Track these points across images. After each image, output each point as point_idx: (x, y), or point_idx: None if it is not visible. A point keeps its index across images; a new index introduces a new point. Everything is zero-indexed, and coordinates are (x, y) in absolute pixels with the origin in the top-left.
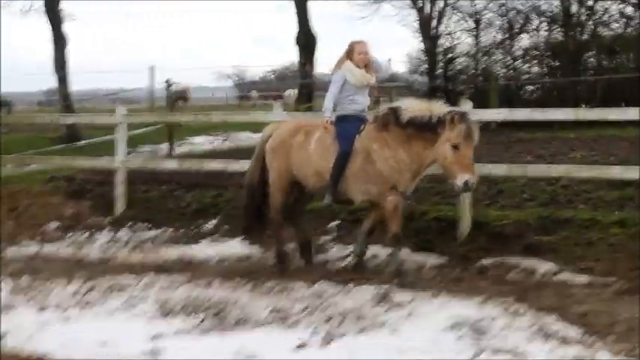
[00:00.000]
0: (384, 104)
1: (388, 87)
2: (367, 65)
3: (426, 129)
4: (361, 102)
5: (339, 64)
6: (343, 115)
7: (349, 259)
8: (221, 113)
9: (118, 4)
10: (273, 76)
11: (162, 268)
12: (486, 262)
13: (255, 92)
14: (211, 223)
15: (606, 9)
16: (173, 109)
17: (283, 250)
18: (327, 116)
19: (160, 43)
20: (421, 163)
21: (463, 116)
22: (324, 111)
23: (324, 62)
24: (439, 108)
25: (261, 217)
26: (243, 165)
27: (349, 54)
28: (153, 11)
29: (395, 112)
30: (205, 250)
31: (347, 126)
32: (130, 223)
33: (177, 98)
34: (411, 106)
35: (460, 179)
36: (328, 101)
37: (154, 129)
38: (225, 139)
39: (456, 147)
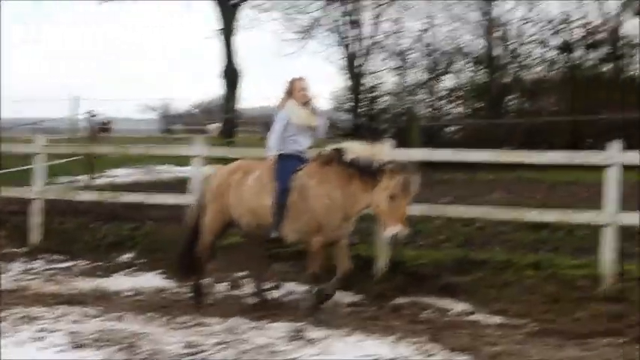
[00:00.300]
0: (330, 144)
1: None
2: (307, 103)
3: (367, 173)
4: (302, 143)
5: (283, 103)
6: (284, 154)
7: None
8: (141, 146)
9: (38, 30)
10: (197, 109)
11: (76, 300)
12: (401, 301)
13: (179, 125)
14: (127, 256)
15: (529, 52)
16: (95, 141)
17: (200, 284)
18: (271, 155)
19: (83, 72)
20: (355, 205)
21: (404, 167)
22: (269, 150)
23: (249, 97)
24: (382, 154)
25: (192, 256)
26: (161, 198)
27: (290, 92)
28: (74, 39)
29: (338, 152)
30: (120, 282)
31: (286, 164)
32: (45, 254)
33: (100, 129)
34: (356, 148)
35: (389, 231)
36: (272, 140)
37: (74, 160)
38: (146, 172)
39: (392, 197)
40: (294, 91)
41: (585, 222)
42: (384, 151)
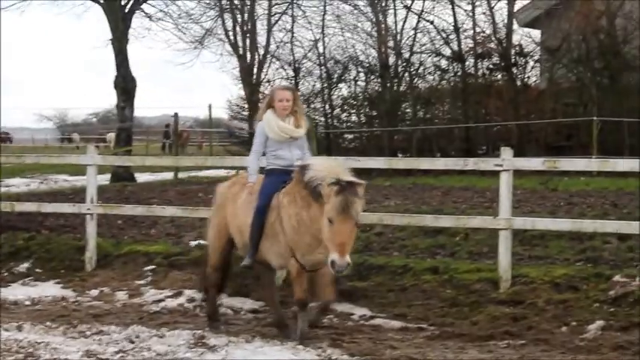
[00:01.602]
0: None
1: (209, 132)
2: (296, 113)
3: (315, 195)
4: (286, 157)
5: (261, 115)
6: (270, 169)
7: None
8: (34, 155)
9: None
10: (95, 118)
11: None
12: None
13: (76, 135)
14: (24, 266)
15: (422, 62)
16: None
17: (216, 308)
18: (250, 181)
19: None
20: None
21: (342, 188)
22: (249, 173)
23: (146, 105)
24: (340, 171)
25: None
26: (56, 207)
27: (269, 103)
28: None
29: (303, 169)
30: (17, 292)
31: (270, 180)
32: None
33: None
34: (318, 166)
35: (329, 257)
36: (252, 161)
37: None
38: (42, 182)
39: (330, 221)
40: (274, 101)
41: (480, 226)
42: (342, 171)
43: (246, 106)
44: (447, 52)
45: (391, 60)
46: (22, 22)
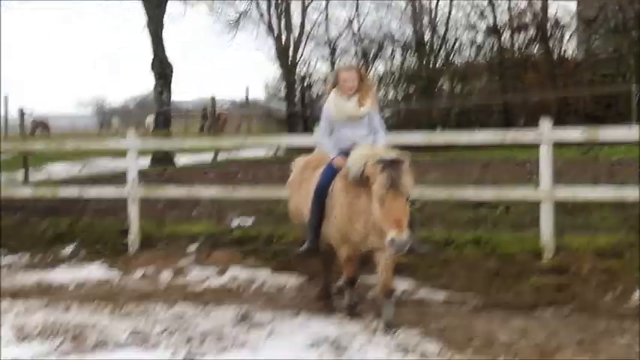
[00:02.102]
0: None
1: (247, 114)
2: (363, 91)
3: (361, 181)
4: (349, 137)
5: (326, 95)
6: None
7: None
8: (75, 141)
9: None
10: (133, 104)
11: (19, 294)
12: None
13: (116, 120)
14: (68, 249)
15: (457, 37)
16: (32, 138)
17: (327, 283)
18: (332, 156)
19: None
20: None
21: (386, 164)
22: (326, 151)
23: (182, 89)
24: (375, 155)
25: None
26: (98, 191)
27: (335, 82)
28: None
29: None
30: (63, 275)
31: (330, 164)
32: None
33: (37, 126)
34: (356, 154)
35: (386, 237)
36: (321, 139)
37: (9, 158)
38: (83, 168)
39: (381, 201)
40: (339, 82)
41: (522, 198)
42: (384, 149)
43: (282, 86)
44: (483, 26)
45: (426, 36)
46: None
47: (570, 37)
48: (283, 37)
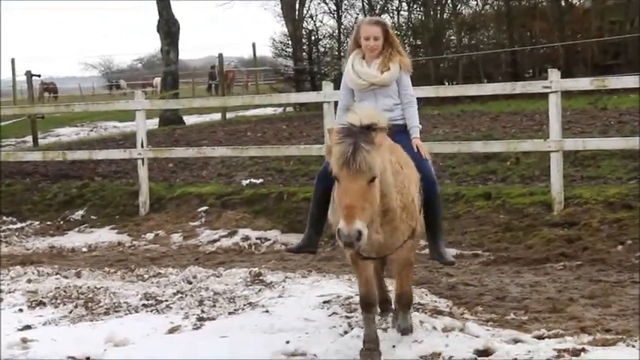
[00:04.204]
0: None
1: (255, 71)
2: (388, 53)
3: None
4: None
5: (349, 54)
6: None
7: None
8: (83, 103)
9: None
10: (140, 64)
11: (31, 260)
12: None
13: (123, 81)
14: (79, 214)
15: None
16: (41, 101)
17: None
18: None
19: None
20: None
21: (348, 133)
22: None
23: (189, 48)
24: (364, 118)
25: None
26: (107, 154)
27: (356, 40)
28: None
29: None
30: (73, 240)
31: None
32: None
33: (45, 90)
34: (352, 115)
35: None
36: (339, 115)
37: (17, 122)
38: (92, 130)
39: (336, 179)
40: (359, 39)
41: (531, 150)
42: (371, 115)
43: (289, 42)
44: None
45: None
46: None
47: None
48: None
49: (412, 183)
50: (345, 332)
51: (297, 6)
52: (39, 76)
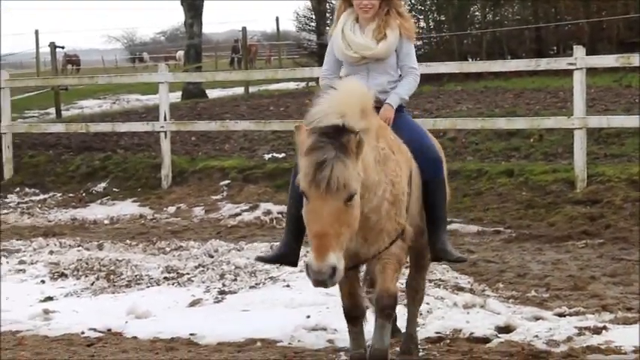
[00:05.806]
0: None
1: (278, 45)
2: (385, 16)
3: None
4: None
5: (338, 15)
6: None
7: None
8: (106, 75)
9: None
10: (163, 37)
11: (53, 232)
12: None
13: (146, 54)
14: (101, 186)
15: None
16: (64, 73)
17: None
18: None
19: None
20: None
21: (317, 138)
22: None
23: (212, 22)
24: (334, 112)
25: None
26: (130, 126)
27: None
28: None
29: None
30: (96, 212)
31: None
32: (18, 189)
33: (68, 62)
34: (322, 101)
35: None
36: (323, 84)
37: (40, 93)
38: (114, 102)
39: (304, 195)
40: None
41: (554, 127)
42: (361, 99)
43: (313, 16)
44: None
45: None
46: None
47: None
48: None
49: (404, 172)
50: (367, 307)
51: None
52: (63, 47)
